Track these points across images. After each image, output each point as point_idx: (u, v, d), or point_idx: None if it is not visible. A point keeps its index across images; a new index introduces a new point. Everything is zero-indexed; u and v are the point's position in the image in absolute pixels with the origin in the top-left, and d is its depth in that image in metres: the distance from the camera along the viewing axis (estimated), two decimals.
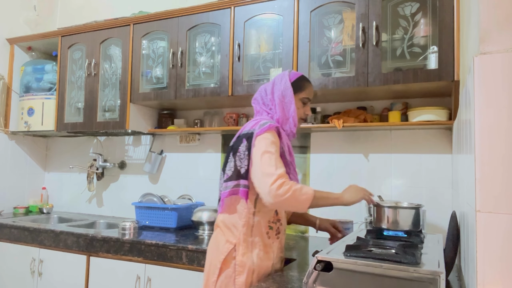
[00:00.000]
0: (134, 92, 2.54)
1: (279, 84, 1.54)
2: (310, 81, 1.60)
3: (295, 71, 1.60)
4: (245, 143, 1.42)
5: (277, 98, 1.51)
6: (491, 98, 0.86)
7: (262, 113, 1.56)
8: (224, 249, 1.44)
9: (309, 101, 1.59)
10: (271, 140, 1.40)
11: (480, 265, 0.84)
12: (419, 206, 1.69)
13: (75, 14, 3.30)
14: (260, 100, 1.57)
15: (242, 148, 1.42)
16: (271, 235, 1.49)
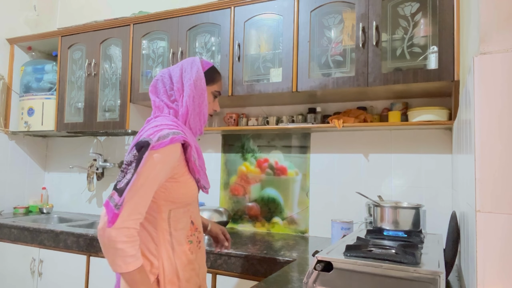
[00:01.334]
0: (134, 92, 2.54)
1: (189, 71, 1.31)
2: (220, 74, 1.44)
3: (206, 60, 1.41)
4: (134, 152, 1.15)
5: (187, 88, 1.28)
6: (491, 98, 0.86)
7: (162, 108, 1.31)
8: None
9: (219, 96, 1.43)
10: (165, 160, 1.16)
11: (480, 265, 0.84)
12: (419, 206, 1.69)
13: (75, 14, 3.30)
14: (161, 89, 1.32)
15: (127, 158, 1.15)
16: (193, 249, 1.32)
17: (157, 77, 1.37)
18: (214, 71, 1.40)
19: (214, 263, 1.90)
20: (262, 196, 2.51)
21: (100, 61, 2.70)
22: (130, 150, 1.18)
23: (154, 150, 1.14)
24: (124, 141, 3.02)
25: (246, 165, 2.58)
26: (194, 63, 1.34)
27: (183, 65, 1.35)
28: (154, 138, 1.15)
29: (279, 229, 2.45)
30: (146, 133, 1.18)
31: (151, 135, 1.16)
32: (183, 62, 1.37)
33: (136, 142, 1.17)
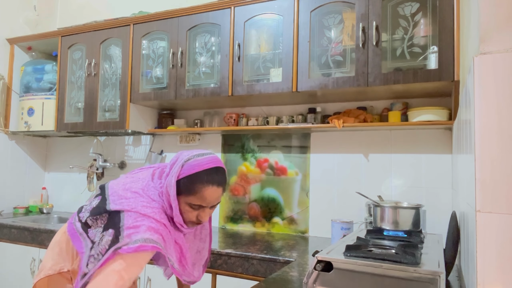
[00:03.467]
0: (134, 92, 2.54)
1: (171, 173, 1.21)
2: (214, 183, 1.19)
3: (195, 163, 1.19)
4: (112, 234, 1.11)
5: (164, 189, 1.21)
6: (491, 98, 0.86)
7: (152, 189, 1.24)
8: None
9: (203, 208, 1.21)
10: (128, 269, 1.09)
11: (480, 265, 0.84)
12: (419, 206, 1.69)
13: (75, 14, 3.30)
14: (158, 173, 1.29)
15: (104, 238, 1.12)
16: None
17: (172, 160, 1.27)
18: (194, 181, 1.17)
19: (214, 263, 1.90)
20: (262, 196, 2.51)
21: (100, 61, 2.70)
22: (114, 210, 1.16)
23: (120, 255, 1.08)
24: (124, 141, 3.02)
25: (246, 165, 2.58)
26: (176, 165, 1.21)
27: (174, 162, 1.24)
28: (126, 236, 1.09)
29: (279, 229, 2.45)
30: (130, 210, 1.15)
31: (132, 227, 1.11)
32: (179, 156, 1.24)
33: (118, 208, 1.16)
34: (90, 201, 1.30)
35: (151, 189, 1.23)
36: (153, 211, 1.17)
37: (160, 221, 1.17)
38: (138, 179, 1.28)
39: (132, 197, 1.20)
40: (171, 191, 1.18)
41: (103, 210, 1.19)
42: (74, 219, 1.25)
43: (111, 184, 1.30)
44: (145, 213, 1.15)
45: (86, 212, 1.23)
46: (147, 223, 1.13)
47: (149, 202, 1.19)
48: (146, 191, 1.22)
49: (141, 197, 1.20)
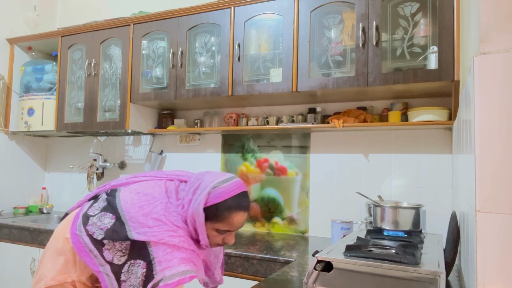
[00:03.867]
0: (134, 92, 2.54)
1: (196, 198, 1.19)
2: (241, 209, 1.20)
3: (221, 191, 1.19)
4: (143, 271, 1.13)
5: (190, 215, 1.19)
6: (491, 98, 0.86)
7: (173, 213, 1.21)
8: None
9: (230, 232, 1.24)
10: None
11: (480, 265, 0.84)
12: (419, 206, 1.69)
13: (75, 14, 3.30)
14: (174, 191, 1.27)
15: (138, 271, 1.13)
16: None
17: (191, 181, 1.27)
18: (222, 209, 1.18)
19: None
20: (262, 196, 2.51)
21: (100, 61, 2.70)
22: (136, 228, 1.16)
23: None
24: (124, 141, 3.02)
25: (246, 165, 2.58)
26: (202, 191, 1.19)
27: (198, 186, 1.22)
28: (159, 272, 1.11)
29: (279, 229, 2.45)
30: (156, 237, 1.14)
31: (162, 262, 1.12)
32: (203, 179, 1.23)
33: (141, 229, 1.15)
34: (95, 210, 1.24)
35: (172, 214, 1.21)
36: (180, 240, 1.17)
37: (189, 248, 1.17)
38: (153, 198, 1.23)
39: (155, 226, 1.17)
40: (199, 219, 1.17)
41: (123, 236, 1.16)
42: (79, 231, 1.19)
43: (123, 203, 1.23)
44: (173, 243, 1.15)
45: (98, 229, 1.18)
46: (178, 255, 1.14)
47: (175, 230, 1.18)
48: (168, 216, 1.20)
49: (165, 225, 1.18)
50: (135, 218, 1.18)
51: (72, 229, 1.22)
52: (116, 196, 1.26)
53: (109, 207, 1.23)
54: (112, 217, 1.20)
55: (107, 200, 1.26)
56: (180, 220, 1.21)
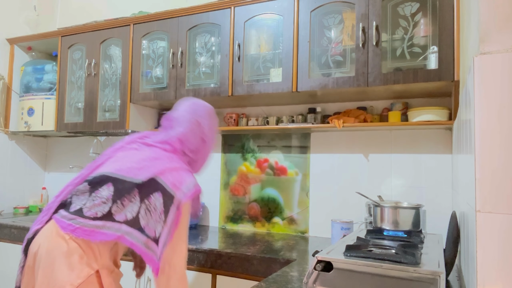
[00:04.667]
0: (134, 92, 2.54)
1: (212, 125, 1.44)
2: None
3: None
4: (160, 200, 1.23)
5: (183, 137, 1.39)
6: (491, 98, 0.86)
7: (180, 154, 1.37)
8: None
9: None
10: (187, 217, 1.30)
11: (480, 265, 0.84)
12: (419, 206, 1.69)
13: (75, 14, 3.30)
14: (192, 138, 1.41)
15: (156, 203, 1.23)
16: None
17: (188, 118, 1.45)
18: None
19: (214, 263, 1.90)
20: (262, 196, 2.51)
21: (100, 61, 2.70)
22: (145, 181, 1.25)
23: (187, 203, 1.28)
24: None
25: (246, 165, 2.58)
26: (212, 114, 1.54)
27: (206, 115, 1.49)
28: (183, 187, 1.27)
29: (279, 229, 2.45)
30: (169, 176, 1.28)
31: (178, 184, 1.27)
32: (202, 110, 1.49)
33: (152, 176, 1.26)
34: (83, 200, 1.25)
35: (160, 148, 1.37)
36: (178, 163, 1.33)
37: (187, 169, 1.34)
38: (136, 152, 1.35)
39: (153, 162, 1.28)
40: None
41: (129, 187, 1.22)
42: (77, 223, 1.20)
43: (113, 170, 1.28)
44: (175, 166, 1.28)
45: (100, 206, 1.21)
46: (184, 173, 1.30)
47: (170, 157, 1.33)
48: (158, 152, 1.34)
49: (160, 158, 1.31)
50: (132, 168, 1.26)
51: (68, 228, 1.21)
52: (101, 174, 1.28)
53: (98, 184, 1.26)
54: (108, 185, 1.24)
55: (92, 183, 1.27)
56: (170, 149, 1.34)
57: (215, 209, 2.65)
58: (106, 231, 1.19)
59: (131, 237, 1.20)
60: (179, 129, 1.41)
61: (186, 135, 1.41)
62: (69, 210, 1.25)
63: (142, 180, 1.23)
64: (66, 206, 1.28)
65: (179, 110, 1.48)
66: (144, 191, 1.23)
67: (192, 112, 1.46)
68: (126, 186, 1.22)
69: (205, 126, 1.44)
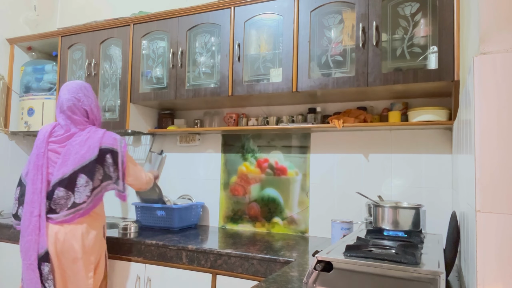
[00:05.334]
0: (134, 92, 2.54)
1: (93, 97, 2.01)
2: None
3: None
4: (110, 158, 1.89)
5: (99, 112, 2.05)
6: (491, 98, 0.86)
7: (92, 124, 1.99)
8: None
9: None
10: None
11: (480, 265, 0.84)
12: (419, 206, 1.69)
13: (75, 14, 3.30)
14: (86, 114, 1.96)
15: (109, 161, 1.89)
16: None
17: (76, 105, 1.96)
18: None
19: (214, 263, 1.90)
20: (262, 196, 2.51)
21: (100, 61, 2.70)
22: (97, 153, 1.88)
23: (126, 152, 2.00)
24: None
25: (246, 165, 2.58)
26: (89, 88, 2.03)
27: (85, 93, 2.00)
28: (117, 144, 1.94)
29: (279, 229, 2.45)
30: (107, 141, 1.92)
31: (112, 143, 1.93)
32: (79, 90, 1.98)
33: (100, 146, 1.89)
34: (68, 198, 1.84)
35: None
36: (101, 130, 1.96)
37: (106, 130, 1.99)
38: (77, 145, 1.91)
39: (89, 141, 1.89)
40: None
41: (92, 164, 1.84)
42: (78, 211, 1.85)
43: (70, 167, 1.85)
44: (103, 133, 1.94)
45: (84, 191, 1.83)
46: (109, 133, 1.96)
47: (95, 131, 1.94)
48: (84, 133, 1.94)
49: (91, 137, 1.91)
50: (82, 155, 1.85)
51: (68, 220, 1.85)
52: (69, 173, 1.84)
53: (71, 181, 1.83)
54: (80, 176, 1.84)
55: (64, 183, 1.84)
56: (86, 125, 1.96)
57: (215, 209, 2.65)
58: (100, 198, 1.92)
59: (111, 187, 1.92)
60: (68, 113, 1.92)
61: (79, 114, 1.94)
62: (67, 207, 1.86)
63: (96, 155, 1.84)
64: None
65: (60, 97, 1.94)
66: (100, 159, 1.86)
67: (69, 94, 1.93)
68: (90, 166, 1.83)
69: (82, 98, 1.94)
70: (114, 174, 1.89)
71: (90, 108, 1.96)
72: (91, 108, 1.96)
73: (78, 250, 1.82)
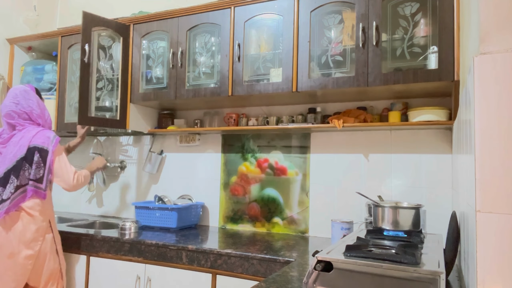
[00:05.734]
0: (134, 92, 2.54)
1: (34, 99, 2.10)
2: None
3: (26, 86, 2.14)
4: (38, 155, 2.00)
5: (44, 111, 2.14)
6: (491, 98, 0.86)
7: (34, 125, 2.08)
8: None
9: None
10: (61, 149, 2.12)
11: (480, 265, 0.84)
12: (419, 206, 1.69)
13: (75, 14, 3.30)
14: (26, 116, 2.07)
15: (35, 158, 1.99)
16: None
17: (12, 109, 2.07)
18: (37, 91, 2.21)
19: (214, 263, 1.90)
20: (262, 196, 2.51)
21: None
22: (25, 152, 2.01)
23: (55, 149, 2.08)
24: (124, 141, 3.02)
25: (246, 165, 2.58)
26: (30, 92, 2.12)
27: (25, 96, 2.11)
28: (48, 142, 2.04)
29: (279, 229, 2.45)
30: (37, 140, 2.02)
31: (44, 142, 2.04)
32: (20, 95, 2.09)
33: (29, 145, 2.01)
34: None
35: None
36: (38, 128, 2.08)
37: (45, 129, 2.11)
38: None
39: (22, 140, 2.02)
40: (41, 101, 2.19)
41: (19, 163, 1.98)
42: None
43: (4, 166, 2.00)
44: (37, 132, 2.04)
45: (11, 185, 1.96)
46: (44, 131, 2.06)
47: (30, 130, 2.05)
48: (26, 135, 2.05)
49: (25, 136, 2.03)
50: (14, 153, 2.00)
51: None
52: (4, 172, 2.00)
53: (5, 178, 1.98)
54: (13, 174, 1.98)
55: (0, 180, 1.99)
56: (25, 127, 2.08)
57: (215, 209, 2.65)
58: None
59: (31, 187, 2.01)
60: (5, 119, 2.06)
61: (17, 117, 2.05)
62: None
63: (24, 153, 1.97)
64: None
65: (2, 103, 2.09)
66: (29, 158, 1.98)
67: (8, 100, 2.06)
68: (18, 164, 1.97)
69: (21, 101, 2.05)
70: (40, 172, 2.01)
71: (31, 110, 2.07)
72: (31, 110, 2.07)
73: (14, 245, 1.94)
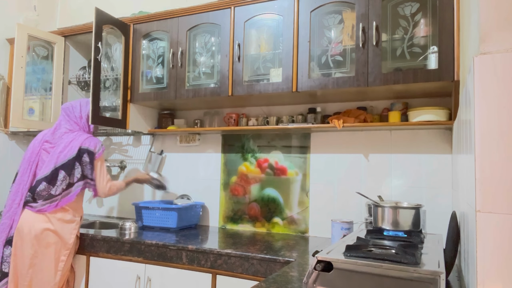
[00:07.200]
0: (134, 92, 2.54)
1: (85, 107, 2.28)
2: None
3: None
4: (87, 157, 2.15)
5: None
6: (491, 98, 0.86)
7: (81, 130, 2.26)
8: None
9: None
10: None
11: (480, 265, 0.84)
12: (419, 206, 1.69)
13: (75, 14, 3.30)
14: (80, 120, 2.27)
15: (86, 159, 2.15)
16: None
17: (69, 115, 2.28)
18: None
19: (214, 263, 1.90)
20: (262, 196, 2.51)
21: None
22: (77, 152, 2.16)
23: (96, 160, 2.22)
24: (124, 141, 3.02)
25: (246, 165, 2.58)
26: (87, 102, 2.30)
27: (81, 104, 2.31)
28: (94, 148, 2.20)
29: (279, 229, 2.45)
30: (84, 143, 2.18)
31: (91, 145, 2.19)
32: (81, 103, 2.31)
33: (80, 147, 2.17)
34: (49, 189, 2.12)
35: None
36: (85, 134, 2.22)
37: (90, 135, 2.26)
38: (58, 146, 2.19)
39: (72, 143, 2.16)
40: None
41: (71, 162, 2.12)
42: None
43: (52, 164, 2.13)
44: (87, 137, 2.20)
45: (63, 182, 2.11)
46: (90, 137, 2.20)
47: (79, 134, 2.22)
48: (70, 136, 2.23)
49: (75, 138, 2.19)
50: (65, 153, 2.13)
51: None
52: (51, 169, 2.12)
53: (54, 175, 2.11)
54: (60, 171, 2.12)
55: (48, 178, 2.11)
56: (74, 131, 2.24)
57: (215, 209, 2.65)
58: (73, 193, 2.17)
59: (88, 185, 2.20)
60: (64, 124, 2.24)
61: (67, 124, 2.23)
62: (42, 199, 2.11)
63: (75, 153, 2.11)
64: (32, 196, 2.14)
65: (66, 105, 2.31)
66: (79, 158, 2.13)
67: (63, 111, 2.27)
68: (69, 163, 2.11)
69: (71, 112, 2.24)
70: (90, 173, 2.15)
71: (87, 117, 2.26)
72: (87, 117, 2.26)
73: (52, 236, 2.05)
